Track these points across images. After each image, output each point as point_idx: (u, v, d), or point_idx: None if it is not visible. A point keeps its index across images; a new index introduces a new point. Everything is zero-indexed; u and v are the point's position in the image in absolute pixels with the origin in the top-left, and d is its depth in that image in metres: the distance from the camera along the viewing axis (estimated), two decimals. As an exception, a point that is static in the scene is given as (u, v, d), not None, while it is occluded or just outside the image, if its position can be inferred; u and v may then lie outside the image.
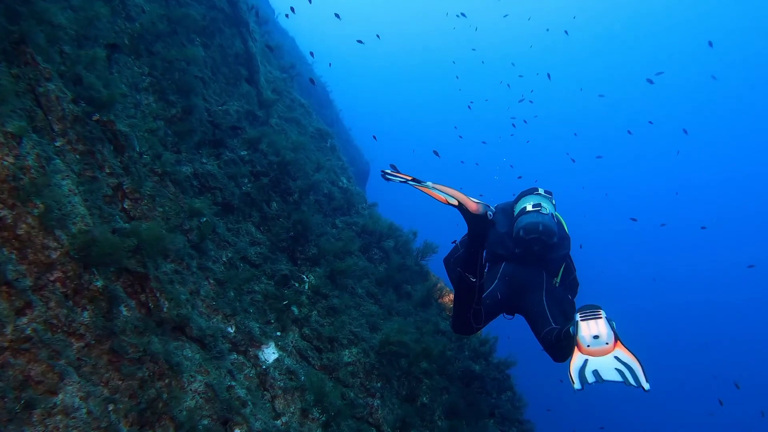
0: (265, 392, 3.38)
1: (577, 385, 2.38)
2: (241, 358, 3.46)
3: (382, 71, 56.45)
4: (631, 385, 2.33)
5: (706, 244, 40.30)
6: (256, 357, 3.51)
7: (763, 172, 43.04)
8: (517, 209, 3.58)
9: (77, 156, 3.17)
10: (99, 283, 2.77)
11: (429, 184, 2.79)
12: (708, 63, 40.34)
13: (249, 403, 3.14)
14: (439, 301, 5.45)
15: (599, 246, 37.89)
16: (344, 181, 5.86)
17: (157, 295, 3.08)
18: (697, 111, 44.13)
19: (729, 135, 44.52)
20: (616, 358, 2.40)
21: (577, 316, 2.55)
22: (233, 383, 3.19)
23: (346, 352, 3.74)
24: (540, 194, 3.56)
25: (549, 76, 20.78)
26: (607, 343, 2.40)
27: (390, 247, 5.34)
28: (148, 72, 4.35)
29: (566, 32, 28.65)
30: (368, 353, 3.80)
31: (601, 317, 2.48)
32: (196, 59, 4.62)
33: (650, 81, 16.39)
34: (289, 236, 4.34)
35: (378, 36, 20.64)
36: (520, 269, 3.39)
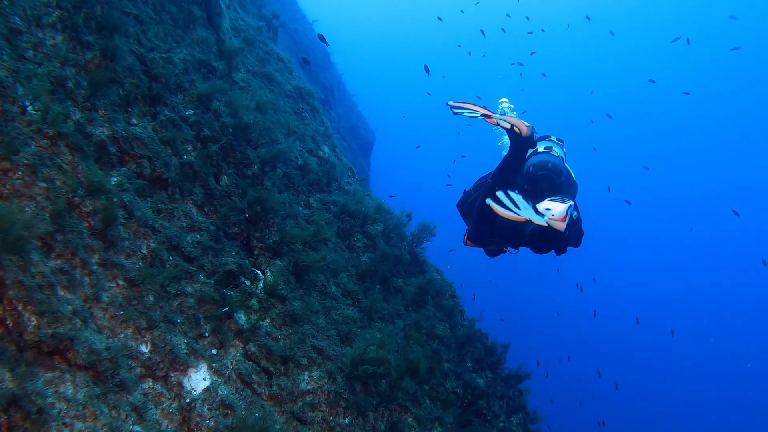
0: (188, 434, 2.50)
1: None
2: (158, 386, 2.57)
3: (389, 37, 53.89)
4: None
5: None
6: (180, 385, 2.61)
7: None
8: (530, 151, 3.70)
9: None
10: None
11: (483, 112, 3.26)
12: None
13: (156, 457, 2.27)
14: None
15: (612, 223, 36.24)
16: (326, 150, 4.83)
17: (19, 308, 2.17)
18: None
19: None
20: None
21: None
22: (137, 428, 2.31)
23: (305, 375, 2.83)
24: (552, 140, 3.83)
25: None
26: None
27: (377, 232, 4.34)
28: (56, 3, 3.32)
29: None
30: (335, 376, 2.88)
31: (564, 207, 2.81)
32: (123, -12, 3.57)
33: None
34: (243, 219, 3.38)
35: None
36: None
